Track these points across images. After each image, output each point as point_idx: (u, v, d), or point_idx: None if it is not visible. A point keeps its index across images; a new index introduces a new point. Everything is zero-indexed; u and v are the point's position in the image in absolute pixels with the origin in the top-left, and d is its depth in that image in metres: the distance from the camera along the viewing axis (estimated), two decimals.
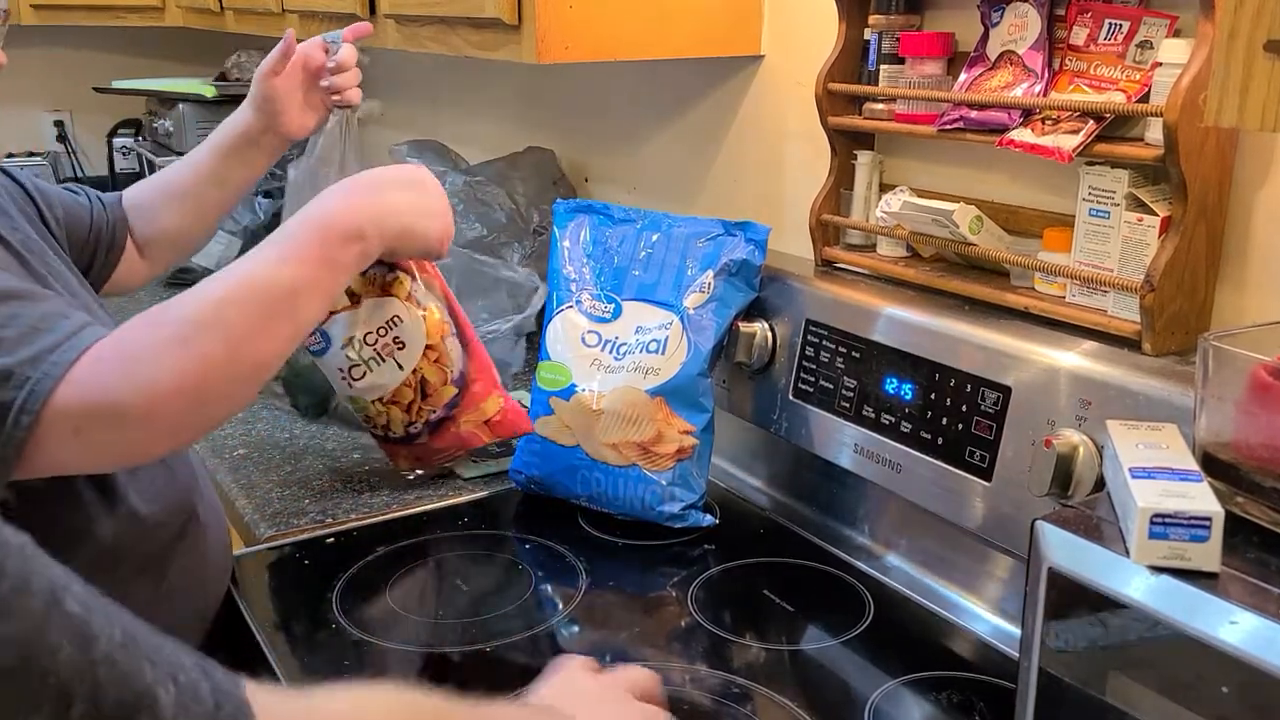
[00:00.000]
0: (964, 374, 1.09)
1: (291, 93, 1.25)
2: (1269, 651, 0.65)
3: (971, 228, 1.13)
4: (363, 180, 1.02)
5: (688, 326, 1.25)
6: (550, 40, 1.32)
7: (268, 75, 1.24)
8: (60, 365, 0.80)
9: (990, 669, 1.04)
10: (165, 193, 1.28)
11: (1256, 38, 0.62)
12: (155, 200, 1.27)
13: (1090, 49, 1.06)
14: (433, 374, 1.10)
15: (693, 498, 1.26)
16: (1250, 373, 0.76)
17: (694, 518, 1.25)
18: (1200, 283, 1.01)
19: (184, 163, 1.30)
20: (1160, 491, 0.72)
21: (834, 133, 1.30)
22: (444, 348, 1.11)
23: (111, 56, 3.12)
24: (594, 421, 1.24)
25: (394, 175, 1.05)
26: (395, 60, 2.54)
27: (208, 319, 0.87)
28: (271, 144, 1.28)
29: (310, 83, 1.27)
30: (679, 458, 1.24)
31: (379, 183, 1.02)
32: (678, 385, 1.24)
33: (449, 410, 1.11)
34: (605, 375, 1.25)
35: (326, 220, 0.96)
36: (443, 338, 1.11)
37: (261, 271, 0.91)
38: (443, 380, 1.10)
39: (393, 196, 1.02)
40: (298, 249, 0.93)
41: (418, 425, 1.13)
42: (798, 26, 1.42)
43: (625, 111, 1.81)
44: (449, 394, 1.10)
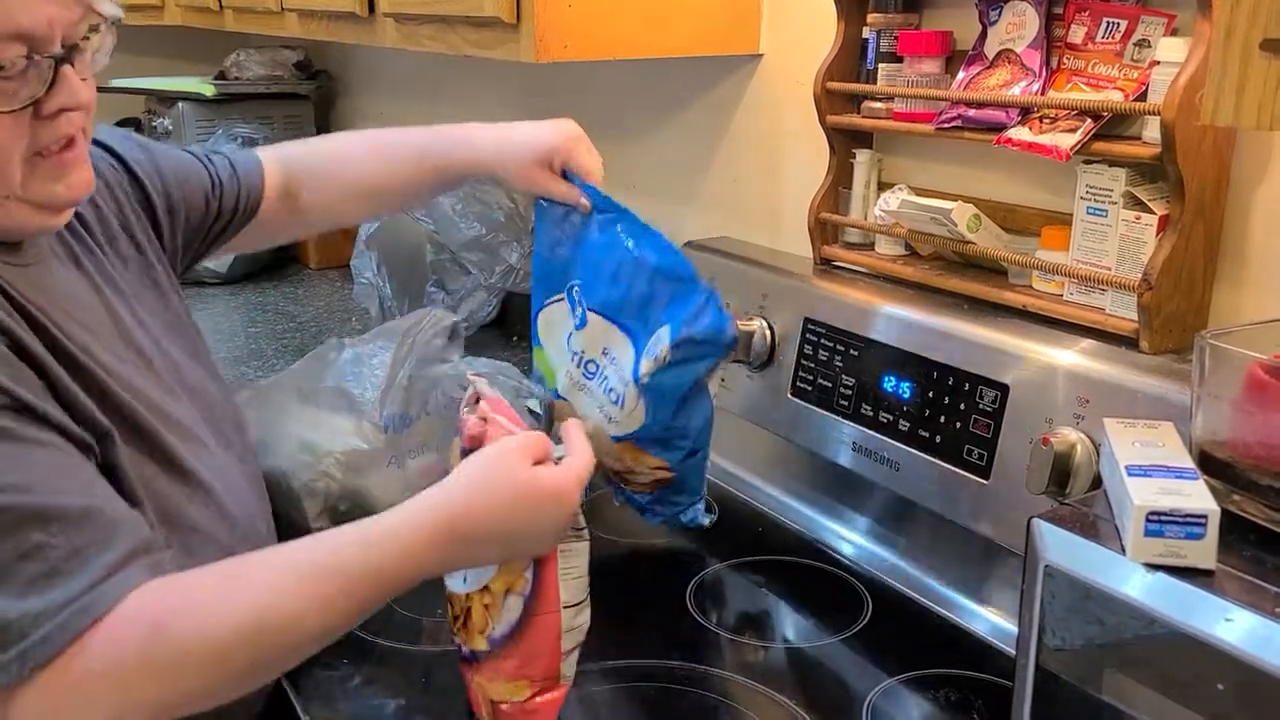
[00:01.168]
0: (962, 372, 1.09)
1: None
2: (1265, 649, 0.65)
3: (970, 226, 1.13)
4: (500, 497, 0.83)
5: (644, 394, 1.05)
6: (549, 39, 1.32)
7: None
8: (69, 631, 0.69)
9: (988, 667, 1.04)
10: (340, 179, 1.18)
11: (1253, 36, 0.62)
12: (326, 178, 1.18)
13: (1088, 47, 1.06)
14: (477, 615, 0.90)
15: (684, 503, 1.16)
16: (1247, 371, 0.76)
17: (691, 515, 1.19)
18: (1198, 281, 1.01)
19: (374, 150, 1.18)
20: (1156, 489, 0.72)
21: (832, 131, 1.30)
22: (499, 601, 0.89)
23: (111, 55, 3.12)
24: None
25: (522, 500, 0.84)
26: (393, 59, 2.54)
27: (270, 632, 0.75)
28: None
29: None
30: (658, 485, 1.13)
31: (509, 508, 0.83)
32: (640, 437, 1.09)
33: (470, 658, 0.91)
34: (578, 393, 1.11)
35: (452, 536, 0.81)
36: (506, 591, 0.89)
37: (356, 580, 0.78)
38: (480, 629, 0.90)
39: (516, 523, 0.84)
40: (409, 553, 0.80)
41: (456, 639, 0.94)
42: (796, 25, 1.43)
43: (624, 110, 1.81)
44: (477, 644, 0.90)
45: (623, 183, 1.85)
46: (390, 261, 1.92)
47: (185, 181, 1.08)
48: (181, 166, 1.09)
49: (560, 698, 0.92)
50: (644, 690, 0.99)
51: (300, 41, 2.68)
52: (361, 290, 1.97)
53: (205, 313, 2.17)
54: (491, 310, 1.92)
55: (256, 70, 2.77)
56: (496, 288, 1.88)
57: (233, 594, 0.75)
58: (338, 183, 1.18)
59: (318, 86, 2.88)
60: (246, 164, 1.15)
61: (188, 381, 0.97)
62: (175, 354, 0.97)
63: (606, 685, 1.00)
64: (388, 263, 1.92)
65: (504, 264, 1.85)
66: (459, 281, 1.88)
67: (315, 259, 2.51)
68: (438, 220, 1.86)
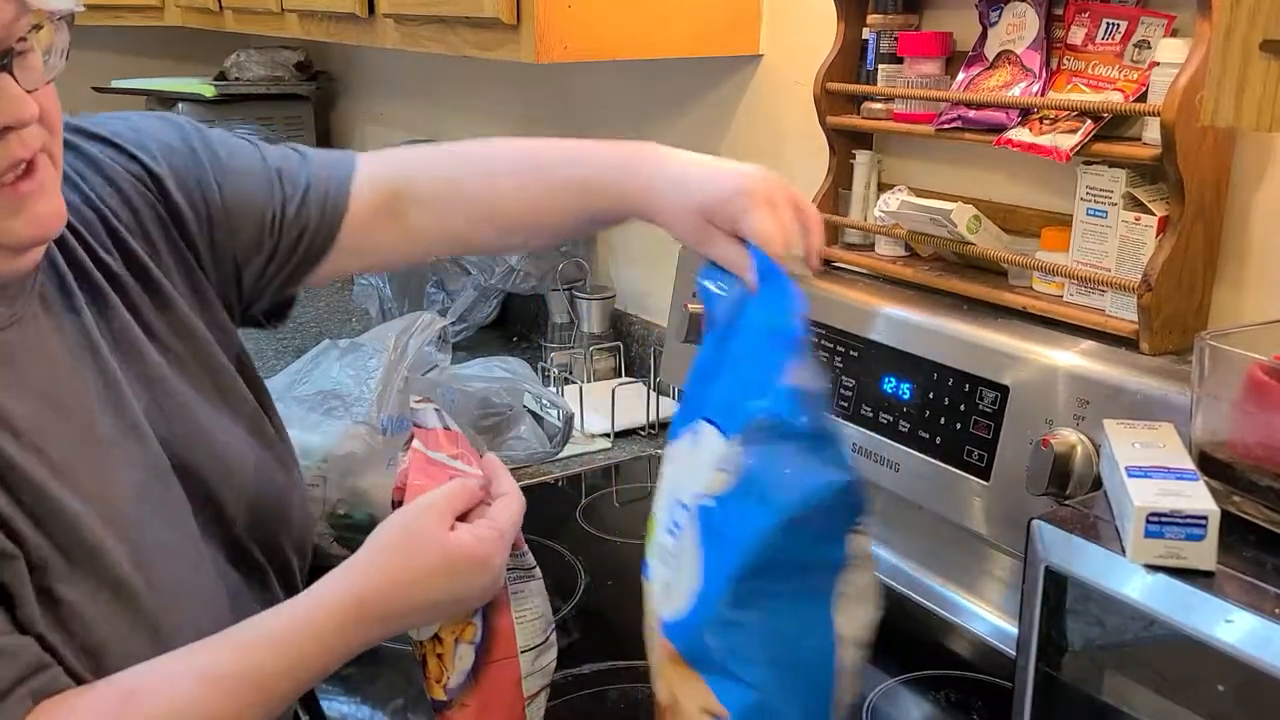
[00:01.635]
0: (962, 373, 1.09)
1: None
2: (1265, 650, 0.65)
3: (969, 227, 1.13)
4: (406, 565, 0.76)
5: (700, 528, 0.70)
6: (549, 40, 1.32)
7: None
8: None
9: (988, 668, 1.04)
10: (470, 202, 0.93)
11: (1253, 37, 0.62)
12: (450, 199, 0.93)
13: (1088, 48, 1.06)
14: (432, 664, 0.84)
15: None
16: (1247, 372, 0.76)
17: None
18: (1197, 282, 1.01)
19: (518, 170, 0.93)
20: (1156, 490, 0.72)
21: (832, 132, 1.30)
22: (450, 650, 0.82)
23: (111, 56, 3.12)
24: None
25: (436, 564, 0.75)
26: (393, 60, 2.54)
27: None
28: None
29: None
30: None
31: (421, 575, 0.75)
32: (689, 630, 0.70)
33: (435, 707, 0.84)
34: (657, 563, 0.78)
35: (360, 612, 0.74)
36: (456, 639, 0.82)
37: (269, 679, 0.71)
38: (437, 679, 0.83)
39: (434, 594, 0.76)
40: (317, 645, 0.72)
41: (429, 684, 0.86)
42: (796, 26, 1.43)
43: (624, 111, 1.81)
44: (435, 694, 0.83)
45: None
46: None
47: (239, 186, 0.88)
48: (232, 165, 0.88)
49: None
50: (643, 691, 0.99)
51: (300, 42, 2.68)
52: (361, 291, 1.97)
53: None
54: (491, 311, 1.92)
55: (256, 71, 2.77)
56: (496, 289, 1.88)
57: (130, 716, 0.66)
58: (465, 206, 0.93)
59: (318, 87, 2.88)
60: (333, 172, 0.93)
61: (204, 432, 0.83)
62: (190, 395, 0.83)
63: (606, 687, 1.00)
64: None
65: (504, 265, 1.85)
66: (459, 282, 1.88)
67: None
68: None
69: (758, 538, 0.65)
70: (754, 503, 0.66)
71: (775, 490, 0.66)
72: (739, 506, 0.67)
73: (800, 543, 0.66)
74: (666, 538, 0.75)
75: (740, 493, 0.67)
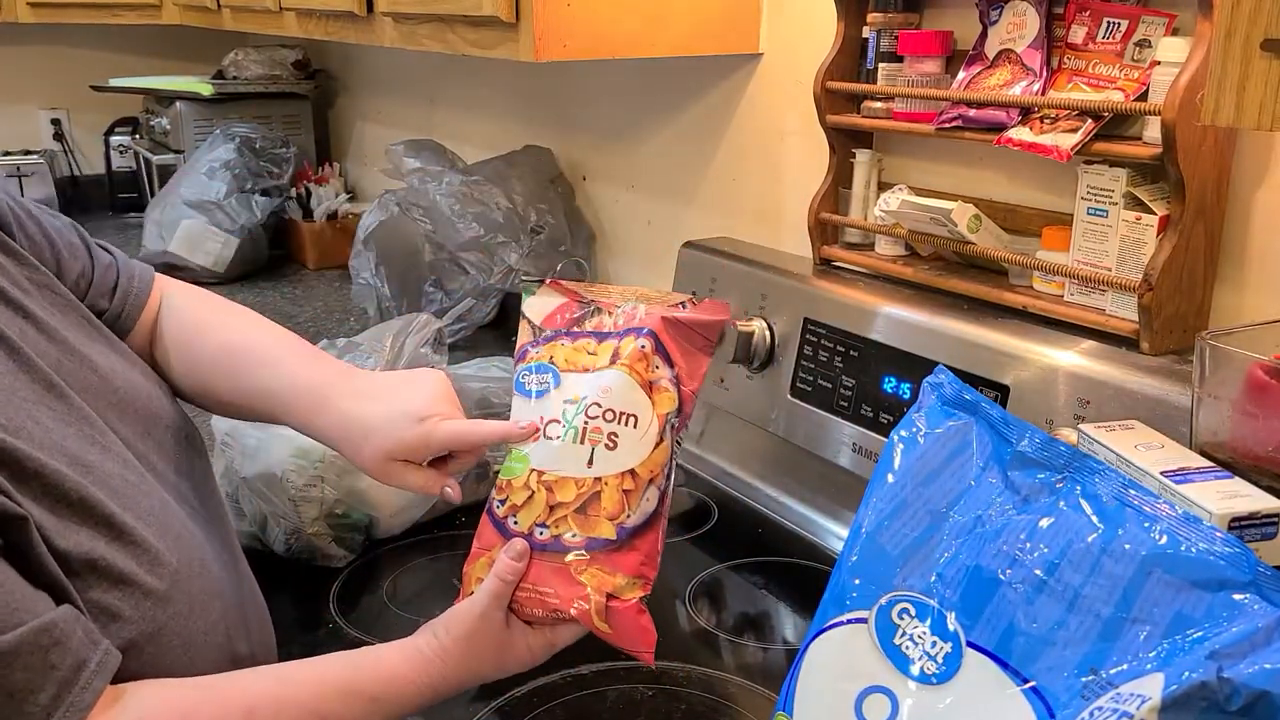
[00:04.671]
0: (962, 373, 1.09)
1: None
2: None
3: (970, 226, 1.13)
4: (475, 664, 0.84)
5: None
6: (548, 38, 1.32)
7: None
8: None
9: None
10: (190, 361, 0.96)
11: (1254, 36, 0.62)
12: (204, 359, 0.96)
13: (1089, 47, 1.06)
14: (610, 500, 0.83)
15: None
16: (1247, 372, 0.76)
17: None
18: (1198, 282, 1.01)
19: (231, 359, 0.95)
20: (1218, 494, 0.71)
21: (832, 131, 1.30)
22: (641, 490, 0.84)
23: (108, 54, 3.12)
24: None
25: (493, 659, 0.84)
26: (392, 58, 2.54)
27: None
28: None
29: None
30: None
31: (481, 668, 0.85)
32: None
33: (588, 548, 0.82)
34: None
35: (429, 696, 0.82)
36: (651, 478, 0.84)
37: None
38: (612, 515, 0.82)
39: (480, 679, 0.86)
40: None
41: (545, 533, 0.84)
42: (796, 25, 1.42)
43: (623, 109, 1.81)
44: (604, 532, 0.82)
45: (623, 183, 1.85)
46: (388, 262, 1.91)
47: (62, 240, 0.90)
48: (61, 231, 0.91)
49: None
50: (643, 692, 0.99)
51: (298, 41, 2.68)
52: (360, 291, 1.97)
53: None
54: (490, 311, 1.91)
55: (255, 70, 2.77)
56: (495, 289, 1.87)
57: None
58: (190, 379, 0.97)
59: (316, 86, 2.88)
60: (135, 271, 0.97)
61: (118, 390, 0.84)
62: (99, 359, 0.84)
63: (606, 687, 1.00)
64: (386, 263, 1.91)
65: (503, 265, 1.85)
66: (457, 282, 1.88)
67: (313, 259, 2.51)
68: (436, 221, 1.85)
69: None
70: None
71: None
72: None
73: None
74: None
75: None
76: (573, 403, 0.86)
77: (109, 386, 0.84)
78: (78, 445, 0.75)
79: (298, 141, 2.70)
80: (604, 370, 0.87)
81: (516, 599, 0.83)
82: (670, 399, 0.87)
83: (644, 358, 0.87)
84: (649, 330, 0.88)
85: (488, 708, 0.96)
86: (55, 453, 0.73)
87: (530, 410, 0.88)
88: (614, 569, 0.83)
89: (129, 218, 2.98)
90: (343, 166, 2.81)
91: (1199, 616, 0.53)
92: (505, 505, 0.86)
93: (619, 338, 0.88)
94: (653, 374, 0.87)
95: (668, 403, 0.87)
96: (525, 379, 0.90)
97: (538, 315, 0.93)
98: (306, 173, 2.61)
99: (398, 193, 1.94)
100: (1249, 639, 0.51)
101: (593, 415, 0.85)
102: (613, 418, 0.86)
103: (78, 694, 0.65)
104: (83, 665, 0.66)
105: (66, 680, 0.65)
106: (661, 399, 0.87)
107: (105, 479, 0.75)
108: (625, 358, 0.87)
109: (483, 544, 0.86)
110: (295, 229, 2.54)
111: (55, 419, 0.75)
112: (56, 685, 0.64)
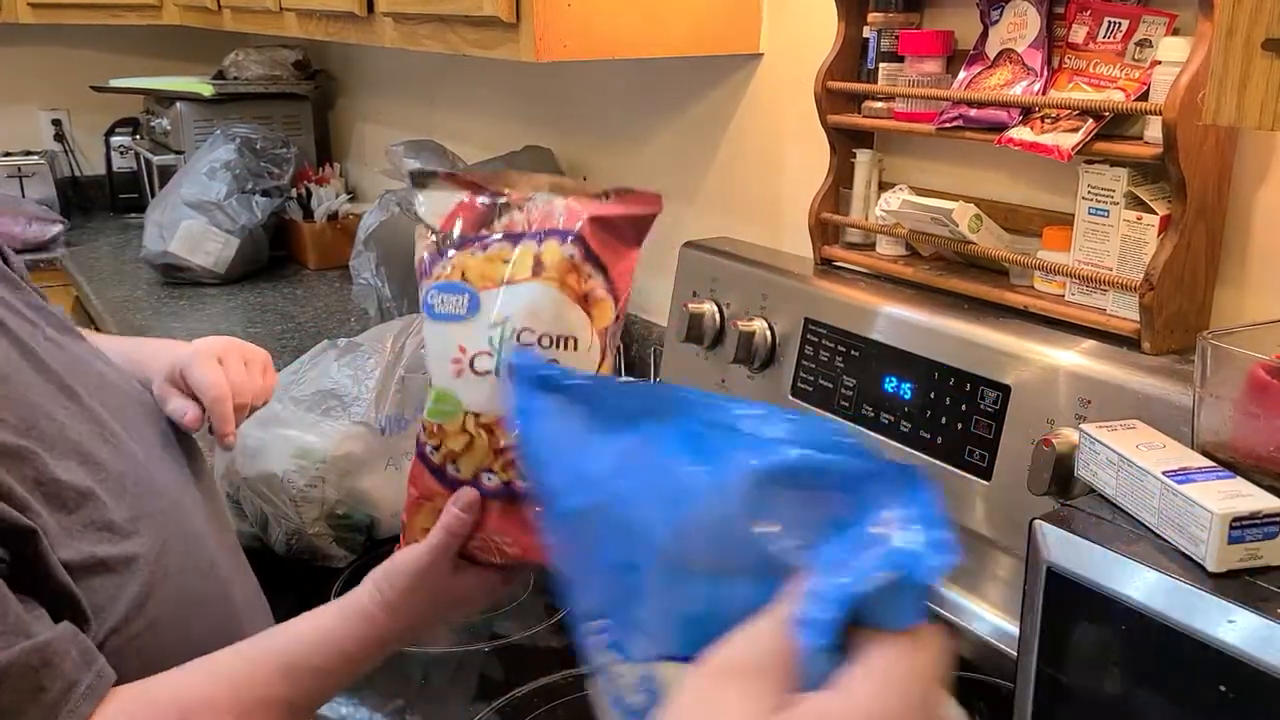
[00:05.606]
0: (963, 373, 1.09)
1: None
2: (1267, 651, 0.64)
3: (971, 226, 1.13)
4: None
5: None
6: (548, 38, 1.32)
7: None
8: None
9: (989, 668, 1.04)
10: None
11: (1255, 36, 0.62)
12: None
13: (1089, 47, 1.05)
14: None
15: None
16: (1249, 372, 0.76)
17: None
18: (1199, 281, 1.00)
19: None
20: (1220, 494, 0.71)
21: (833, 131, 1.30)
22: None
23: (109, 55, 3.12)
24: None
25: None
26: (392, 58, 2.53)
27: None
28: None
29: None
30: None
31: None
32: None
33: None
34: None
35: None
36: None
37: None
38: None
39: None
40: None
41: (493, 479, 0.75)
42: (797, 24, 1.42)
43: (624, 110, 1.81)
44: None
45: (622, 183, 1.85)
46: (389, 262, 1.91)
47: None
48: None
49: None
50: None
51: (299, 41, 2.68)
52: (360, 291, 1.97)
53: (203, 313, 2.17)
54: None
55: (255, 70, 2.77)
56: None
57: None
58: None
59: (316, 86, 2.88)
60: None
61: (94, 374, 0.84)
62: (72, 347, 0.85)
63: None
64: (386, 263, 1.91)
65: None
66: None
67: (314, 259, 2.51)
68: None
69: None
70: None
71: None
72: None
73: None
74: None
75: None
76: (496, 326, 0.74)
77: (113, 386, 0.85)
78: (90, 444, 0.76)
79: (298, 142, 2.70)
80: (527, 284, 0.74)
81: (470, 549, 0.76)
82: (608, 309, 0.77)
83: (574, 268, 0.74)
84: (575, 235, 0.75)
85: (488, 708, 0.96)
86: (67, 451, 0.73)
87: (447, 339, 0.76)
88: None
89: (129, 218, 2.98)
90: (343, 167, 2.81)
91: (843, 516, 0.47)
92: (441, 452, 0.76)
93: (538, 240, 0.75)
94: (586, 285, 0.75)
95: (606, 315, 0.77)
96: (435, 300, 0.78)
97: (435, 217, 0.80)
98: (307, 173, 2.61)
99: (398, 193, 1.94)
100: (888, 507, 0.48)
101: (526, 343, 0.73)
102: (549, 343, 0.74)
103: (65, 718, 0.65)
104: (72, 688, 0.65)
105: (54, 704, 0.64)
106: (599, 311, 0.76)
107: (119, 478, 0.76)
108: (552, 270, 0.74)
109: (421, 492, 0.78)
110: (296, 229, 2.54)
111: (69, 416, 0.76)
112: (43, 710, 0.64)
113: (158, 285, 2.35)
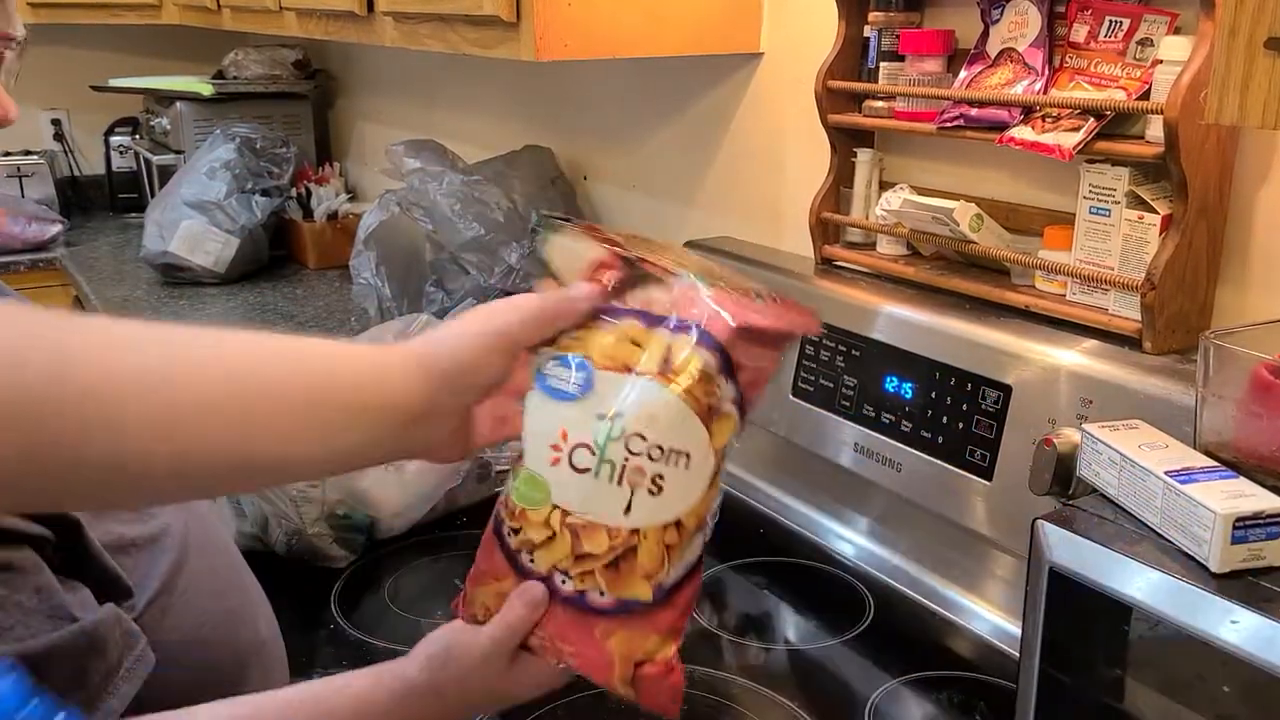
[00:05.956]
0: (964, 373, 1.09)
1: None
2: (1269, 651, 0.64)
3: (972, 226, 1.13)
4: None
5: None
6: (549, 38, 1.31)
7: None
8: None
9: (991, 668, 1.03)
10: None
11: (1257, 35, 0.62)
12: None
13: (1091, 46, 1.05)
14: (649, 556, 0.67)
15: None
16: (1252, 371, 0.76)
17: None
18: (1201, 281, 1.00)
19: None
20: (1223, 494, 0.71)
21: (834, 130, 1.29)
22: (685, 542, 0.68)
23: (109, 55, 3.11)
24: None
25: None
26: (392, 58, 2.53)
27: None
28: None
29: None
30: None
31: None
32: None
33: (616, 609, 0.67)
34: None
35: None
36: (699, 525, 0.68)
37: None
38: (647, 574, 0.67)
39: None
40: None
41: (568, 583, 0.68)
42: (797, 24, 1.42)
43: (624, 109, 1.80)
44: (638, 592, 0.67)
45: (624, 183, 1.85)
46: (389, 262, 1.91)
47: None
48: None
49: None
50: None
51: (299, 40, 2.68)
52: (360, 290, 1.96)
53: (203, 313, 2.16)
54: None
55: (255, 69, 2.77)
56: (496, 289, 1.87)
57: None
58: None
59: (316, 86, 2.88)
60: None
61: None
62: None
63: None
64: (386, 263, 1.91)
65: (503, 264, 1.84)
66: (458, 282, 1.87)
67: (314, 259, 2.50)
68: (436, 220, 1.85)
69: None
70: None
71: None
72: None
73: None
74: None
75: None
76: (606, 420, 0.66)
77: None
78: None
79: (298, 141, 2.70)
80: (651, 383, 0.66)
81: (529, 643, 0.70)
82: (731, 424, 0.68)
83: (707, 379, 0.66)
84: (714, 341, 0.66)
85: None
86: None
87: (553, 417, 0.68)
88: (646, 632, 0.68)
89: (129, 218, 2.98)
90: (343, 166, 2.81)
91: None
92: (518, 538, 0.69)
93: (671, 330, 0.67)
94: (713, 398, 0.66)
95: (727, 430, 0.68)
96: (551, 374, 0.68)
97: (569, 269, 0.70)
98: (307, 173, 2.60)
99: (398, 193, 1.94)
100: None
101: (635, 451, 0.66)
102: (659, 456, 0.66)
103: (107, 699, 0.65)
104: (114, 670, 0.66)
105: (98, 686, 0.65)
106: (720, 428, 0.68)
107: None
108: (683, 377, 0.66)
109: (490, 571, 0.71)
110: (296, 229, 2.53)
111: None
112: (88, 692, 0.64)
113: (157, 285, 2.35)
